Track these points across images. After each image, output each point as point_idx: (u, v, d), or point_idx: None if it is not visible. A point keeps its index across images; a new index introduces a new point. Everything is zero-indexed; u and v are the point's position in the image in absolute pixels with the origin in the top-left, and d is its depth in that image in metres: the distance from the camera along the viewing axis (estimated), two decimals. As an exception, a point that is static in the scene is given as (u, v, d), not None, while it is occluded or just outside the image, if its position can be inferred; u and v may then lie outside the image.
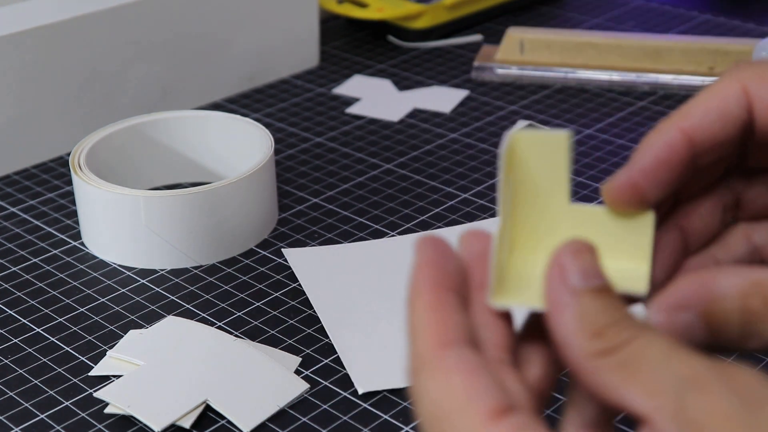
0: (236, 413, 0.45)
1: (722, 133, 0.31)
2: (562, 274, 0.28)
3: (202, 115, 0.63)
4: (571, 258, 0.28)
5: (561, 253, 0.29)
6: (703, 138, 0.31)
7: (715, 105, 0.31)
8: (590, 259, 0.28)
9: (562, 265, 0.28)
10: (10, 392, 0.47)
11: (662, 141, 0.31)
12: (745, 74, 0.31)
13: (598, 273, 0.28)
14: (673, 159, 0.31)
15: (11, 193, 0.64)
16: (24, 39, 0.64)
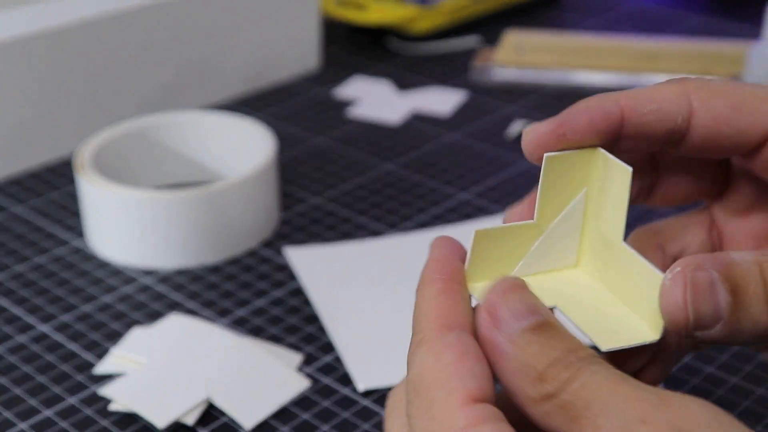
0: (238, 410, 0.46)
1: (653, 125, 0.32)
2: (495, 319, 0.28)
3: (204, 116, 0.63)
4: (501, 300, 0.28)
5: (490, 296, 0.28)
6: (636, 121, 0.32)
7: (658, 98, 0.32)
8: (520, 298, 0.28)
9: (493, 309, 0.28)
10: (16, 389, 0.48)
11: (600, 106, 0.32)
12: (692, 82, 0.33)
13: (531, 310, 0.28)
14: (602, 125, 0.32)
15: (16, 193, 0.64)
16: (30, 43, 0.64)
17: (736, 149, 0.33)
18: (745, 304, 0.28)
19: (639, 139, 0.33)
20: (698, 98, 0.32)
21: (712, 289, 0.28)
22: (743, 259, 0.29)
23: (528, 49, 0.81)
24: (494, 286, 0.28)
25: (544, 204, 0.32)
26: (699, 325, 0.29)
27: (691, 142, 0.33)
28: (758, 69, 0.64)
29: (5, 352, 0.50)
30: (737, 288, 0.28)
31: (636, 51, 0.80)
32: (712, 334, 0.29)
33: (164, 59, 0.72)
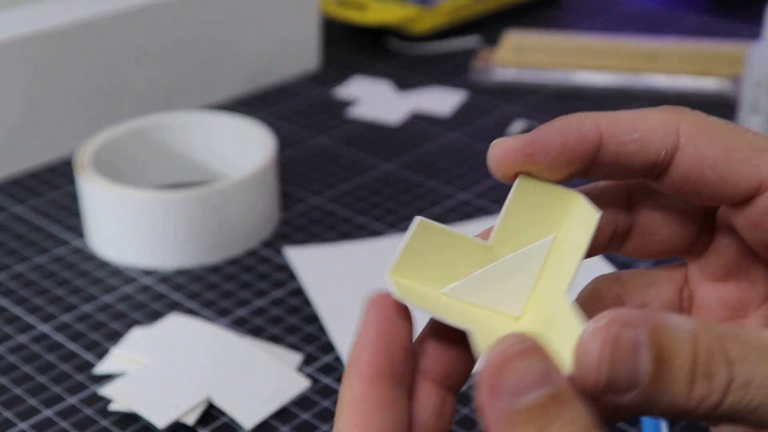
0: (238, 410, 0.46)
1: (633, 155, 0.29)
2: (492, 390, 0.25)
3: (205, 116, 0.63)
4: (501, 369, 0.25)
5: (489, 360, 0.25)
6: (614, 149, 0.29)
7: (642, 127, 0.29)
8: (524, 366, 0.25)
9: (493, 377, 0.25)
10: (16, 389, 0.48)
11: (577, 128, 0.29)
12: (685, 116, 0.30)
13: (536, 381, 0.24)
14: (577, 150, 0.29)
15: (16, 193, 0.65)
16: (31, 43, 0.64)
17: (717, 199, 0.30)
18: (667, 378, 0.25)
19: (614, 167, 0.29)
20: (687, 134, 0.29)
21: (634, 352, 0.25)
22: (679, 325, 0.25)
23: (528, 50, 0.81)
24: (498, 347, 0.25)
25: (504, 229, 0.29)
26: (610, 389, 0.25)
27: (669, 180, 0.30)
28: (758, 69, 0.64)
29: (5, 352, 0.50)
30: (663, 357, 0.25)
31: (636, 51, 0.80)
32: (622, 400, 0.25)
33: (164, 59, 0.72)
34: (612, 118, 0.29)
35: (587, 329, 0.25)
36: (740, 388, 0.25)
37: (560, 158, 0.29)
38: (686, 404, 0.25)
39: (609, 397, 0.25)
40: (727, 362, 0.25)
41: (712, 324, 0.26)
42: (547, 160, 0.29)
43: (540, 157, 0.29)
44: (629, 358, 0.25)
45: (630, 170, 0.30)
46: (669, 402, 0.25)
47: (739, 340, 0.26)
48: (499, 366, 0.25)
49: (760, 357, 0.26)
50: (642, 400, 0.25)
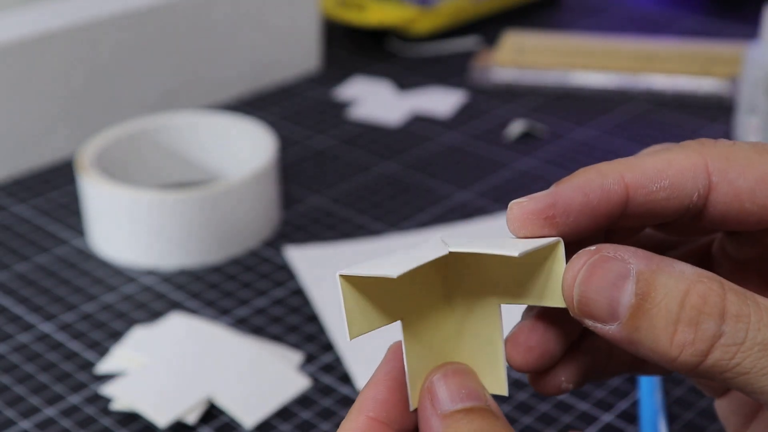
0: (239, 409, 0.46)
1: (664, 203, 0.28)
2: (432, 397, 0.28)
3: (206, 116, 0.64)
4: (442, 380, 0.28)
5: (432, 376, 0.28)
6: (643, 200, 0.28)
7: (671, 173, 0.28)
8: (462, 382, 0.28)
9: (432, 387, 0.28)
10: (18, 388, 0.48)
11: (599, 185, 0.27)
12: (710, 151, 0.28)
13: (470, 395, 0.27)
14: (602, 208, 0.27)
15: (18, 192, 0.65)
16: (32, 44, 0.65)
17: (760, 224, 0.28)
18: (650, 316, 0.25)
19: (645, 218, 0.28)
20: (717, 171, 0.28)
21: (616, 281, 0.25)
22: (679, 269, 0.25)
23: (527, 50, 0.81)
24: (440, 367, 0.28)
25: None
26: (585, 313, 0.26)
27: (708, 218, 0.28)
28: (755, 70, 0.64)
29: (7, 351, 0.50)
30: (648, 294, 0.25)
31: (635, 52, 0.80)
32: (606, 331, 0.25)
33: (166, 60, 0.72)
34: (637, 167, 0.28)
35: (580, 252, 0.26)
36: (730, 345, 0.25)
37: (583, 219, 0.27)
38: (668, 350, 0.25)
39: (589, 325, 0.26)
40: (720, 315, 0.25)
41: (719, 277, 0.25)
42: (569, 221, 0.27)
43: (561, 220, 0.27)
44: (609, 285, 0.25)
45: (663, 217, 0.28)
46: (651, 344, 0.25)
47: (745, 297, 0.25)
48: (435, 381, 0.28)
49: (761, 314, 0.25)
50: (624, 336, 0.25)
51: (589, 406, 0.46)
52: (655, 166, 0.28)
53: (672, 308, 0.25)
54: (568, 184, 0.27)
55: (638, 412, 0.45)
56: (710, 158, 0.28)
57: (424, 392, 0.28)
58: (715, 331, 0.25)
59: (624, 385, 0.47)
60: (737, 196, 0.28)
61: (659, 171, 0.28)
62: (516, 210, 0.27)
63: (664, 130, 0.71)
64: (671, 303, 0.25)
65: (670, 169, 0.28)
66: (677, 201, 0.28)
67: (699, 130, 0.71)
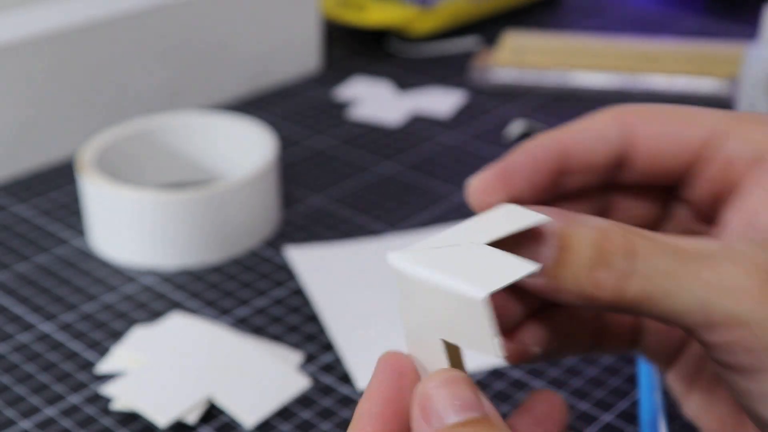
0: (239, 409, 0.46)
1: (595, 153, 0.32)
2: (425, 412, 0.27)
3: (205, 116, 0.64)
4: (435, 392, 0.27)
5: (424, 388, 0.27)
6: (577, 153, 0.32)
7: (595, 128, 0.32)
8: (455, 392, 0.27)
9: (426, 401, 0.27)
10: (18, 388, 0.48)
11: (539, 143, 0.32)
12: (628, 109, 0.33)
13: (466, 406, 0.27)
14: (546, 161, 0.32)
15: (18, 192, 0.65)
16: (32, 44, 0.65)
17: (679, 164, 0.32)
18: (570, 263, 0.28)
19: (586, 171, 0.32)
20: (634, 119, 0.32)
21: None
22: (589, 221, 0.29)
23: (527, 51, 0.81)
24: (432, 376, 0.28)
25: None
26: None
27: (638, 166, 0.33)
28: (755, 70, 0.64)
29: (7, 350, 0.50)
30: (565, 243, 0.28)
31: (634, 52, 0.80)
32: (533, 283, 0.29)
33: (165, 60, 0.72)
34: (567, 128, 0.32)
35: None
36: (641, 278, 0.28)
37: (535, 173, 0.31)
38: (591, 290, 0.28)
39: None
40: (631, 253, 0.28)
41: (625, 225, 0.29)
42: (523, 176, 0.31)
43: (517, 175, 0.31)
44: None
45: (599, 167, 0.32)
46: (574, 287, 0.28)
47: (649, 238, 0.28)
48: (429, 392, 0.27)
49: (666, 253, 0.28)
50: (550, 285, 0.28)
51: (589, 406, 0.46)
52: (582, 123, 0.32)
53: (588, 254, 0.28)
54: (512, 152, 0.32)
55: (638, 412, 0.45)
56: (627, 111, 0.33)
57: (415, 408, 0.27)
58: (628, 267, 0.28)
59: (624, 385, 0.47)
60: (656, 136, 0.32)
61: (586, 125, 0.32)
62: (474, 181, 0.31)
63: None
64: (587, 250, 0.28)
65: (595, 123, 0.32)
66: (608, 148, 0.32)
67: (699, 131, 0.71)
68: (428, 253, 0.28)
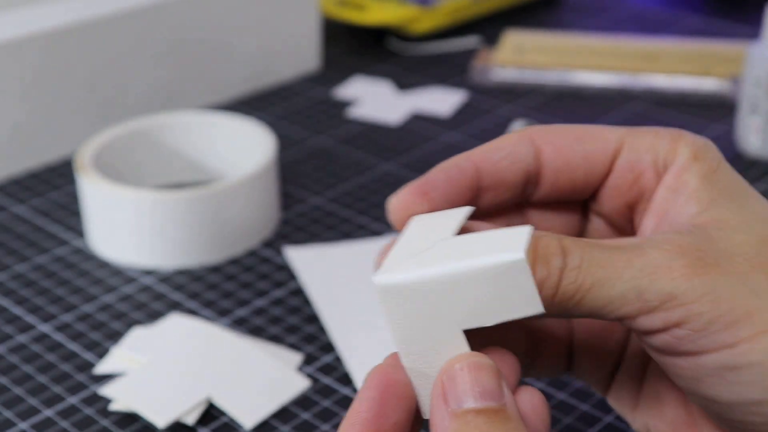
0: (239, 410, 0.46)
1: (508, 169, 0.34)
2: (447, 391, 0.27)
3: (205, 116, 0.64)
4: (461, 374, 0.28)
5: (451, 368, 0.28)
6: (490, 171, 0.34)
7: (505, 145, 0.34)
8: (480, 378, 0.27)
9: (449, 381, 0.28)
10: (16, 389, 0.48)
11: (454, 163, 0.33)
12: (535, 129, 0.35)
13: (486, 394, 0.27)
14: (460, 179, 0.33)
15: (17, 192, 0.65)
16: (32, 43, 0.65)
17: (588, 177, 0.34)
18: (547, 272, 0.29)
19: (499, 188, 0.34)
20: (541, 138, 0.34)
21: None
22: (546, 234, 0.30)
23: (528, 50, 0.81)
24: (460, 357, 0.28)
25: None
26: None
27: (548, 181, 0.34)
28: (757, 69, 0.64)
29: (6, 351, 0.50)
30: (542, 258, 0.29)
31: (635, 51, 0.80)
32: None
33: (165, 59, 0.72)
34: (480, 148, 0.34)
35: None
36: (572, 269, 0.29)
37: (450, 190, 0.33)
38: None
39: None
40: (562, 251, 0.29)
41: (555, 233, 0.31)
42: (438, 194, 0.32)
43: (433, 193, 0.32)
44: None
45: (511, 185, 0.34)
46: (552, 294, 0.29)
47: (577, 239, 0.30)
48: (454, 373, 0.28)
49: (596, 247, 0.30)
50: None
51: (590, 407, 0.46)
52: (493, 143, 0.34)
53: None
54: (430, 171, 0.33)
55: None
56: (534, 131, 0.35)
57: (438, 386, 0.28)
58: (561, 263, 0.29)
59: (625, 386, 0.47)
60: (562, 152, 0.34)
61: (497, 146, 0.34)
62: (394, 197, 0.33)
63: (664, 130, 0.71)
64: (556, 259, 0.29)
65: (504, 143, 0.34)
66: (517, 166, 0.34)
67: (700, 130, 0.71)
68: (410, 262, 0.29)
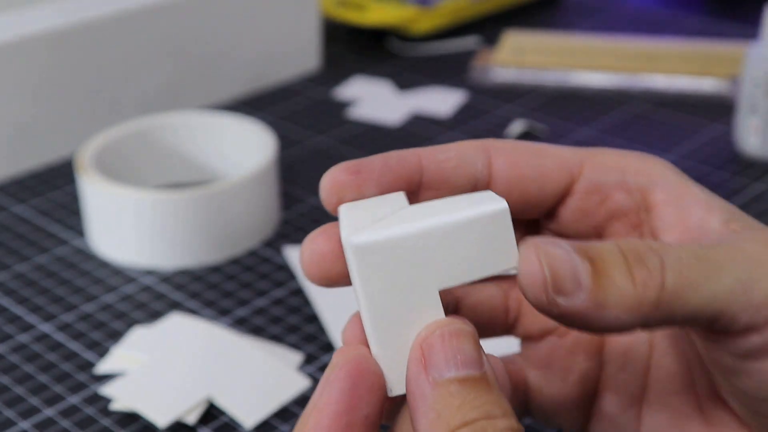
0: (239, 409, 0.46)
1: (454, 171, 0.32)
2: (426, 360, 0.27)
3: (205, 116, 0.64)
4: (440, 342, 0.27)
5: (428, 336, 0.27)
6: (435, 168, 0.32)
7: (456, 148, 0.33)
8: (460, 346, 0.27)
9: (428, 349, 0.27)
10: (17, 388, 0.48)
11: (396, 153, 0.32)
12: (490, 140, 0.34)
13: (466, 361, 0.26)
14: (398, 168, 0.32)
15: (17, 192, 0.65)
16: (32, 44, 0.65)
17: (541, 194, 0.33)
18: (607, 272, 0.27)
19: (441, 188, 0.32)
20: (495, 148, 0.33)
21: (566, 255, 0.27)
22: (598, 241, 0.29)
23: (527, 50, 0.81)
24: (437, 323, 0.27)
25: None
26: (558, 290, 0.27)
27: (499, 192, 0.33)
28: (756, 70, 0.64)
29: (6, 351, 0.50)
30: (595, 258, 0.28)
31: (635, 52, 0.80)
32: (576, 304, 0.27)
33: (165, 60, 0.72)
34: (429, 147, 0.33)
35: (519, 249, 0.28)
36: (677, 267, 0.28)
37: (385, 176, 0.31)
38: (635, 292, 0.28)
39: (562, 302, 0.27)
40: (653, 251, 0.28)
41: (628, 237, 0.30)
42: (373, 175, 0.31)
43: (366, 174, 0.31)
44: (564, 260, 0.27)
45: (455, 187, 0.33)
46: (619, 295, 0.27)
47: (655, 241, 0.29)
48: (433, 341, 0.27)
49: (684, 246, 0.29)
50: (591, 303, 0.27)
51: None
52: (444, 145, 0.33)
53: (619, 260, 0.28)
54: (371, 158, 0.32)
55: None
56: (490, 142, 0.33)
57: (416, 352, 0.27)
58: (659, 260, 0.28)
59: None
60: (516, 164, 0.33)
61: (447, 147, 0.33)
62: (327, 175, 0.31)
63: (664, 130, 0.71)
64: (616, 257, 0.28)
65: (456, 146, 0.33)
66: (464, 170, 0.32)
67: (699, 130, 0.71)
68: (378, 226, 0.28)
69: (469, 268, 0.28)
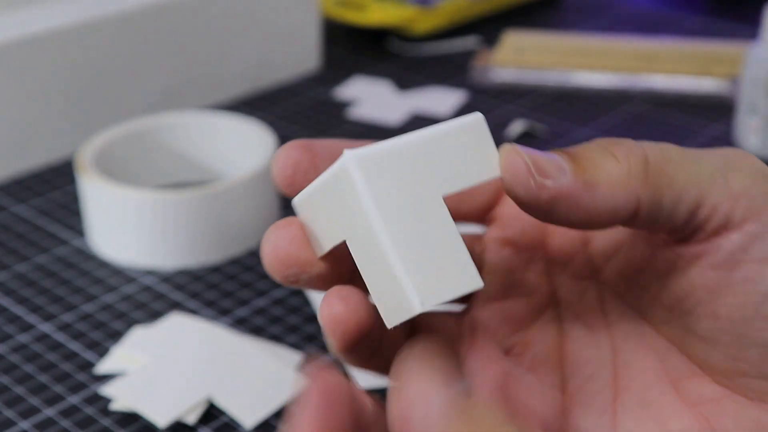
0: (239, 409, 0.46)
1: None
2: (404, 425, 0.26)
3: (205, 116, 0.64)
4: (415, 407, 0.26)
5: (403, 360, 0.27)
6: None
7: None
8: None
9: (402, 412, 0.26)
10: (17, 388, 0.48)
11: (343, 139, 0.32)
12: None
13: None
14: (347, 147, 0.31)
15: (18, 192, 0.65)
16: (32, 44, 0.65)
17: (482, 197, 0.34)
18: (586, 155, 0.28)
19: None
20: None
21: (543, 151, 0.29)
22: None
23: (527, 50, 0.81)
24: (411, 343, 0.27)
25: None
26: (542, 171, 0.28)
27: None
28: (756, 70, 0.64)
29: (7, 351, 0.50)
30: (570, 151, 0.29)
31: (635, 52, 0.80)
32: (563, 183, 0.28)
33: (165, 60, 0.72)
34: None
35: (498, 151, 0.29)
36: (652, 145, 0.29)
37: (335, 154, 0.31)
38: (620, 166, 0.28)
39: (550, 183, 0.28)
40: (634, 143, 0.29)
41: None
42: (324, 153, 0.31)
43: (317, 149, 0.31)
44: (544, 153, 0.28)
45: None
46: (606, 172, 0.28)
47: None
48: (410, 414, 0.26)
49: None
50: (583, 180, 0.28)
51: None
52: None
53: (595, 146, 0.29)
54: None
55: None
56: None
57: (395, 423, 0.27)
58: (634, 142, 0.29)
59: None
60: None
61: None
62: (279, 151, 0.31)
63: (664, 130, 0.71)
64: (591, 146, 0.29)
65: None
66: None
67: (699, 130, 0.71)
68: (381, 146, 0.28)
69: (461, 175, 0.29)
